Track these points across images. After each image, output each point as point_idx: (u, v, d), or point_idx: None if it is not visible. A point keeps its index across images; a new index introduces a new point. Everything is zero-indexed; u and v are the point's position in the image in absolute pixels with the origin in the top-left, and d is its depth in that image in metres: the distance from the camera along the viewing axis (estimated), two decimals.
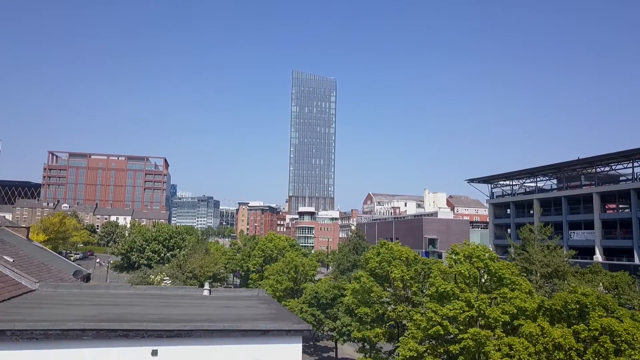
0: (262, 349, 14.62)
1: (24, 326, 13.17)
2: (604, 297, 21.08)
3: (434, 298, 25.94)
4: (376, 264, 31.64)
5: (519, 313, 23.89)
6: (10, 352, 12.91)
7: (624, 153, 59.10)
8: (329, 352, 53.70)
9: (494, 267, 25.33)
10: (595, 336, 18.85)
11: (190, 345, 14.15)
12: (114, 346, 13.61)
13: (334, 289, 43.64)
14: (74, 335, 13.32)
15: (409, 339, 25.99)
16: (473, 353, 24.22)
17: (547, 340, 19.37)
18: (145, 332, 13.75)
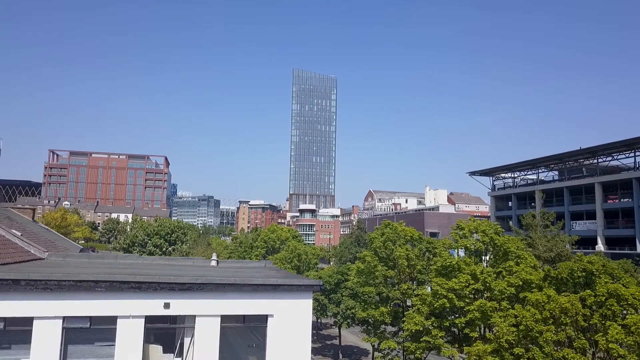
0: (274, 303, 14.73)
1: (38, 276, 13.30)
2: (609, 265, 21.20)
3: (439, 273, 26.06)
4: (380, 243, 31.73)
5: (524, 285, 24.01)
6: (25, 302, 13.01)
7: (626, 142, 59.23)
8: (332, 339, 53.83)
9: (499, 241, 25.45)
10: (602, 301, 18.95)
11: (202, 299, 14.24)
12: (127, 298, 13.69)
13: (337, 274, 43.75)
14: (87, 287, 13.41)
15: (414, 314, 26.10)
16: (479, 326, 24.35)
17: (554, 306, 19.46)
18: (157, 285, 13.86)
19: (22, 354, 13.13)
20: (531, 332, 19.62)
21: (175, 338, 14.43)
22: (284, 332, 14.64)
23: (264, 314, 14.65)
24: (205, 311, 14.18)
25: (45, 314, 13.10)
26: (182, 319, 14.22)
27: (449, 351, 24.77)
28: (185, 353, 14.27)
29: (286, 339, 14.61)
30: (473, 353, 21.03)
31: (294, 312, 14.81)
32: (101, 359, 13.62)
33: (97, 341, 13.81)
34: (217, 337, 14.21)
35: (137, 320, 13.70)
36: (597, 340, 17.99)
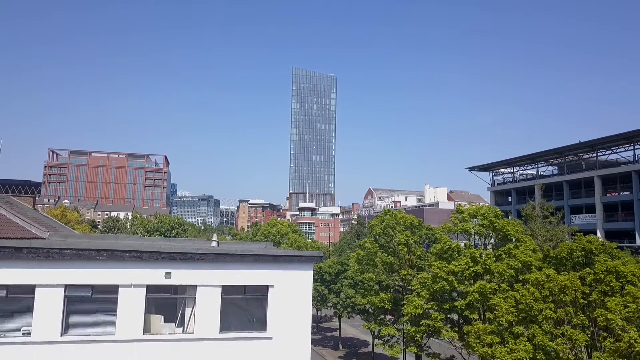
0: (274, 274, 14.80)
1: (40, 244, 13.39)
2: (608, 245, 21.26)
3: (439, 257, 26.13)
4: (380, 230, 31.82)
5: (524, 268, 24.06)
6: (27, 270, 13.08)
7: (625, 135, 59.30)
8: (332, 332, 53.93)
9: (499, 225, 25.52)
10: (601, 278, 19.00)
11: (203, 269, 14.32)
12: (129, 268, 13.77)
13: (337, 264, 43.84)
14: (89, 256, 13.48)
15: (414, 297, 26.17)
16: (478, 308, 24.41)
17: (553, 284, 19.51)
18: (159, 255, 13.93)
19: (24, 322, 13.20)
20: (530, 311, 19.68)
21: (176, 308, 14.48)
22: (284, 302, 14.71)
23: (264, 285, 14.72)
24: (206, 281, 14.24)
25: (47, 282, 13.18)
26: (183, 288, 14.29)
27: (448, 334, 24.83)
28: (186, 323, 14.34)
29: (287, 309, 14.68)
30: (472, 332, 21.09)
31: (295, 282, 14.87)
32: (103, 328, 13.69)
33: (99, 310, 13.87)
34: (218, 307, 14.28)
35: (138, 289, 13.78)
36: (596, 317, 18.02)
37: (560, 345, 17.98)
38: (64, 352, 13.09)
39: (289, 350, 14.54)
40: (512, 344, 19.47)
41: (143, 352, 13.59)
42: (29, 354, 12.88)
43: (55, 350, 13.05)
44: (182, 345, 13.97)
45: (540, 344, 18.24)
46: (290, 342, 14.59)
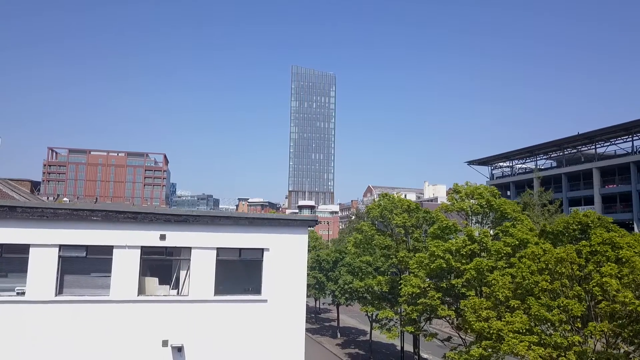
0: (270, 237, 14.80)
1: (34, 204, 13.37)
2: (605, 218, 21.26)
3: (436, 236, 26.13)
4: (378, 213, 31.81)
5: (521, 245, 24.03)
6: (21, 230, 13.06)
7: (623, 126, 59.34)
8: (330, 322, 53.93)
9: (496, 203, 25.51)
10: (597, 250, 18.97)
11: (197, 231, 14.33)
12: (123, 229, 13.77)
13: (335, 252, 43.83)
14: (83, 216, 13.48)
15: (411, 277, 26.17)
16: (475, 286, 24.41)
17: (549, 257, 19.47)
18: (153, 216, 13.94)
19: (18, 282, 13.19)
20: (526, 282, 19.66)
21: (171, 271, 14.47)
22: (279, 265, 14.72)
23: (259, 248, 14.73)
24: (201, 243, 14.24)
25: (41, 241, 13.17)
26: (178, 251, 14.28)
27: (445, 312, 24.80)
28: (181, 285, 14.33)
29: (282, 273, 14.69)
30: (469, 306, 21.06)
31: (290, 246, 14.87)
32: (97, 289, 13.69)
33: (94, 271, 13.87)
34: (213, 269, 14.28)
35: (133, 250, 13.78)
36: (592, 287, 17.98)
37: (556, 316, 17.92)
38: (58, 311, 13.09)
39: (283, 313, 14.55)
40: (508, 317, 19.44)
41: (137, 313, 13.59)
42: (23, 312, 12.87)
43: (49, 310, 13.04)
44: (177, 307, 13.97)
45: (536, 314, 18.20)
46: (285, 305, 14.60)
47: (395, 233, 31.19)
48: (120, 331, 13.36)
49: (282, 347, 14.37)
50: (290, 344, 14.46)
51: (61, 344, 12.95)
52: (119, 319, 13.43)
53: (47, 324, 12.96)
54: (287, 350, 14.41)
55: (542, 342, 18.58)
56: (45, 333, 12.89)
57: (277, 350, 14.31)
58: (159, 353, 13.55)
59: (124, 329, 13.39)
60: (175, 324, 13.79)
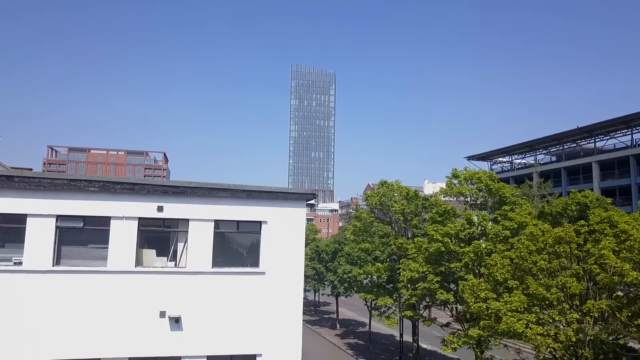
0: (268, 210, 14.79)
1: (32, 174, 13.36)
2: (603, 199, 21.25)
3: (435, 221, 26.13)
4: (377, 200, 31.80)
5: (519, 228, 24.03)
6: (18, 200, 13.05)
7: (623, 119, 59.35)
8: (329, 314, 53.94)
9: (494, 187, 25.50)
10: (595, 229, 18.97)
11: (195, 204, 14.29)
12: (120, 200, 13.74)
13: (334, 243, 43.84)
14: (80, 186, 13.46)
15: (409, 261, 26.16)
16: (474, 270, 24.40)
17: (547, 237, 19.46)
18: (151, 187, 13.92)
19: (15, 252, 13.17)
20: (525, 264, 19.64)
21: (169, 243, 14.46)
22: (277, 238, 14.69)
23: (257, 221, 14.70)
24: (198, 215, 14.20)
25: (39, 211, 13.15)
26: (176, 222, 14.26)
27: (443, 295, 24.79)
28: (178, 257, 14.31)
29: (280, 246, 14.66)
30: (467, 287, 21.05)
31: (288, 219, 14.84)
32: (95, 260, 13.67)
33: (91, 243, 13.86)
34: (211, 241, 14.25)
35: (130, 221, 13.75)
36: (590, 266, 17.96)
37: (555, 295, 17.91)
38: (55, 281, 13.06)
39: (281, 285, 14.52)
40: (507, 297, 19.43)
41: (135, 284, 13.57)
42: (20, 281, 12.85)
43: (46, 279, 13.02)
44: (174, 278, 13.95)
45: (534, 293, 18.19)
46: (283, 277, 14.57)
47: (394, 220, 31.19)
48: (117, 302, 13.33)
49: (280, 318, 14.35)
50: (288, 315, 14.45)
51: (58, 313, 12.92)
52: (116, 289, 13.40)
53: (45, 294, 12.93)
54: (285, 322, 14.39)
55: (540, 322, 18.58)
56: (43, 303, 12.87)
57: (275, 322, 14.30)
58: (156, 324, 13.54)
59: (121, 300, 13.37)
60: (172, 296, 13.77)
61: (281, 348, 14.32)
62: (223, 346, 13.98)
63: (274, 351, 14.27)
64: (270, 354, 14.25)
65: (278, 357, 14.28)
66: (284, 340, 14.37)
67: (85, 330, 13.05)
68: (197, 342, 13.77)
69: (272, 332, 14.29)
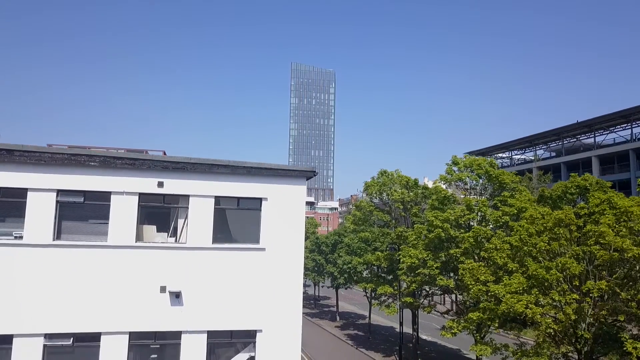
0: (268, 187, 14.81)
1: (33, 148, 13.35)
2: (603, 182, 21.27)
3: (434, 207, 26.15)
4: (377, 189, 31.82)
5: (519, 214, 24.04)
6: (19, 174, 13.06)
7: (622, 113, 59.42)
8: (329, 307, 53.98)
9: (494, 173, 25.51)
10: (595, 211, 19.00)
11: (195, 179, 14.32)
12: (121, 175, 13.76)
13: (334, 235, 43.85)
14: (80, 161, 13.46)
15: (409, 248, 26.18)
16: (473, 255, 24.42)
17: (547, 219, 19.49)
18: (151, 162, 13.93)
19: (16, 227, 13.18)
20: (525, 248, 19.67)
21: (169, 218, 14.48)
22: (278, 215, 14.71)
23: (258, 197, 14.72)
24: (199, 191, 14.21)
25: (39, 186, 13.16)
26: (176, 198, 14.26)
27: (443, 281, 24.79)
28: (179, 233, 14.32)
29: (280, 222, 14.68)
30: (467, 270, 21.07)
31: (288, 196, 14.86)
32: (95, 235, 13.68)
33: (91, 218, 13.86)
34: (212, 217, 14.27)
35: (131, 197, 13.76)
36: (591, 250, 17.96)
37: (554, 276, 17.93)
38: (56, 255, 13.07)
39: (281, 261, 14.55)
40: (506, 279, 19.46)
41: (135, 259, 13.58)
42: (21, 255, 12.86)
43: (47, 253, 13.02)
44: (175, 254, 13.95)
45: (533, 274, 18.21)
46: (283, 253, 14.60)
47: (394, 209, 31.21)
48: (118, 277, 13.35)
49: (280, 295, 14.38)
50: (289, 291, 14.48)
51: (59, 288, 12.94)
52: (117, 264, 13.42)
53: (45, 268, 12.95)
54: (286, 298, 14.42)
55: (540, 304, 18.60)
56: (43, 277, 12.89)
57: (275, 298, 14.32)
58: (157, 298, 13.56)
59: (122, 275, 13.38)
60: (173, 271, 13.78)
61: (281, 324, 14.35)
62: (223, 322, 14.00)
63: (274, 327, 14.29)
64: (270, 329, 14.28)
65: (278, 333, 14.31)
66: (285, 316, 14.40)
67: (86, 305, 13.06)
68: (198, 318, 13.78)
69: (273, 308, 14.31)
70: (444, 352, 34.77)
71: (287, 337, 14.37)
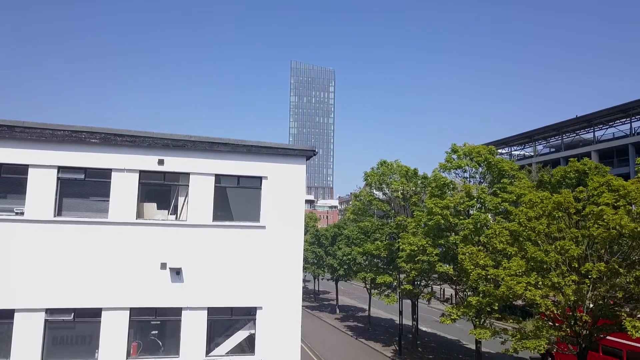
0: (268, 166, 14.87)
1: (34, 124, 13.39)
2: (602, 167, 21.33)
3: (433, 195, 26.20)
4: (376, 179, 31.86)
5: (518, 200, 24.10)
6: (20, 150, 13.12)
7: (621, 107, 59.54)
8: (329, 301, 54.05)
9: (494, 161, 25.56)
10: (594, 194, 19.04)
11: (196, 157, 14.38)
12: (121, 152, 13.81)
13: (333, 228, 43.91)
14: (81, 138, 13.51)
15: (408, 235, 26.23)
16: (473, 242, 24.46)
17: (546, 203, 19.53)
18: (151, 140, 13.99)
19: (17, 203, 13.22)
20: (525, 232, 19.69)
21: (170, 196, 14.53)
22: (278, 194, 14.77)
23: (258, 176, 14.78)
24: (199, 169, 14.27)
25: (40, 162, 13.20)
26: (177, 176, 14.31)
27: (442, 268, 24.84)
28: (179, 211, 14.37)
29: (280, 201, 14.74)
30: (466, 254, 21.12)
31: (288, 175, 14.92)
32: (95, 213, 13.73)
33: (92, 195, 13.92)
34: (212, 195, 14.32)
35: (131, 174, 13.82)
36: (590, 232, 18.00)
37: (553, 258, 17.97)
38: (56, 231, 13.11)
39: (282, 239, 14.61)
40: (506, 263, 19.50)
41: (136, 235, 13.63)
42: (22, 231, 12.90)
43: (48, 230, 13.07)
44: (175, 230, 14.01)
45: (532, 256, 18.26)
46: (283, 231, 14.66)
47: (394, 199, 31.27)
48: (119, 253, 13.40)
49: (280, 272, 14.44)
50: (289, 269, 14.55)
51: (60, 263, 12.99)
52: (117, 241, 13.47)
53: (46, 244, 12.99)
54: (285, 276, 14.49)
55: (539, 286, 18.64)
56: (44, 252, 12.93)
57: (275, 275, 14.39)
58: (157, 275, 13.62)
59: (122, 251, 13.43)
60: (173, 248, 13.84)
61: (281, 301, 14.41)
62: (224, 298, 14.06)
63: (274, 304, 14.36)
64: (270, 306, 14.34)
65: (278, 310, 14.37)
66: (284, 294, 14.46)
67: (87, 281, 13.11)
68: (198, 294, 13.84)
69: (273, 286, 14.37)
70: (443, 342, 34.85)
71: (287, 314, 14.43)
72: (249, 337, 14.36)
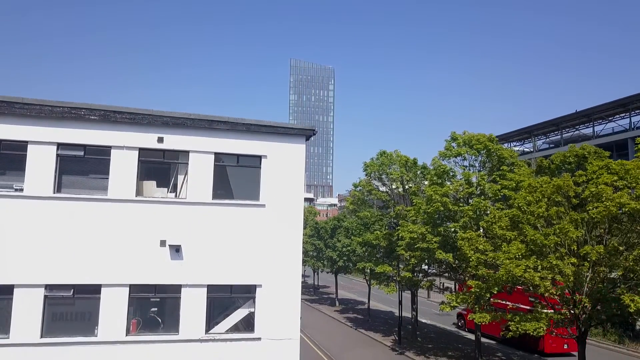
0: (267, 145, 14.87)
1: (33, 101, 13.38)
2: (601, 151, 21.35)
3: (433, 182, 26.21)
4: (376, 169, 31.87)
5: (518, 187, 24.12)
6: (19, 127, 13.12)
7: (620, 102, 59.46)
8: (329, 294, 54.08)
9: (493, 148, 25.58)
10: (593, 177, 19.05)
11: (195, 135, 14.39)
12: (121, 130, 13.81)
13: (333, 220, 43.91)
14: (81, 114, 13.51)
15: (408, 223, 26.24)
16: (472, 229, 24.48)
17: (546, 187, 19.54)
18: (151, 118, 13.97)
19: (16, 180, 13.22)
20: (524, 217, 19.71)
21: (169, 175, 14.53)
22: (277, 173, 14.77)
23: (257, 155, 14.77)
24: (198, 147, 14.26)
25: (39, 139, 13.19)
26: (176, 154, 14.30)
27: (442, 255, 24.83)
28: (179, 189, 14.37)
29: (279, 180, 14.74)
30: (466, 240, 21.14)
31: (287, 154, 14.91)
32: (95, 190, 13.72)
33: (92, 173, 13.90)
34: (211, 173, 14.32)
35: (130, 152, 13.81)
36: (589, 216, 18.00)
37: (552, 240, 17.97)
38: (56, 207, 13.09)
39: (281, 218, 14.61)
40: (505, 247, 19.51)
41: (135, 213, 13.62)
42: (21, 207, 12.89)
43: (47, 206, 13.06)
44: (175, 208, 14.00)
45: (532, 239, 18.27)
46: (283, 210, 14.66)
47: (393, 189, 31.26)
48: (118, 230, 13.39)
49: (280, 250, 14.45)
50: (288, 247, 14.55)
51: (60, 239, 12.98)
52: (117, 217, 13.45)
53: (45, 220, 12.98)
54: (285, 254, 14.49)
55: (538, 270, 18.65)
56: (44, 228, 12.92)
57: (275, 254, 14.39)
58: (157, 252, 13.61)
59: (122, 228, 13.42)
60: (173, 225, 13.83)
61: (281, 279, 14.41)
62: (223, 276, 14.06)
63: (273, 282, 14.35)
64: (270, 285, 14.33)
65: (278, 288, 14.37)
66: (284, 272, 14.46)
67: (86, 257, 13.10)
68: (198, 272, 13.83)
69: (272, 264, 14.37)
70: (442, 333, 34.90)
71: (286, 292, 14.43)
72: (248, 315, 14.36)
